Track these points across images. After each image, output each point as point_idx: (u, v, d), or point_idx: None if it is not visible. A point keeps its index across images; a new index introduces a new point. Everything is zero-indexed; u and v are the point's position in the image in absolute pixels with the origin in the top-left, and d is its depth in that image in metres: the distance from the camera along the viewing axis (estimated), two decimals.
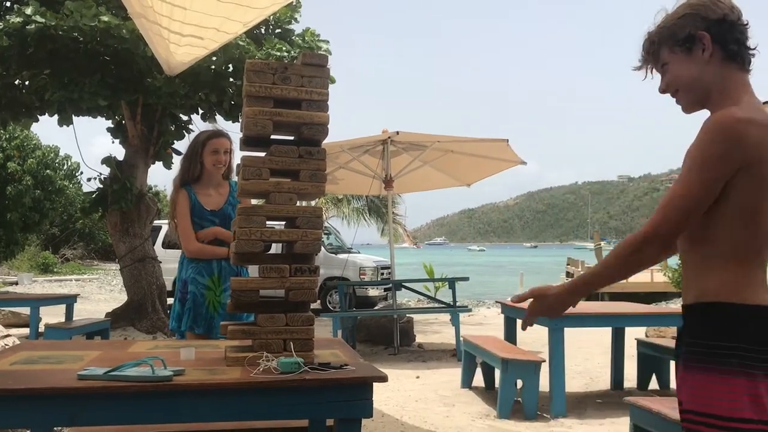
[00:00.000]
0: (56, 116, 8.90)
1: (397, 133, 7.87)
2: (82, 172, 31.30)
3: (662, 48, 1.74)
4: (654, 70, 1.80)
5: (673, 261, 19.88)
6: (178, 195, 3.53)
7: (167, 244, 12.91)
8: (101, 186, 9.72)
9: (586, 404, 5.14)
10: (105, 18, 7.81)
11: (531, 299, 1.85)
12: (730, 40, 1.67)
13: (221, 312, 3.46)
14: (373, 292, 13.85)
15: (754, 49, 1.70)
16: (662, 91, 1.79)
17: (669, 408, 3.00)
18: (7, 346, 5.20)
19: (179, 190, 3.54)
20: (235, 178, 3.59)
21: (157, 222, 12.63)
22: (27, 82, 8.91)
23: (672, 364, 5.41)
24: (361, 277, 13.42)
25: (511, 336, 5.78)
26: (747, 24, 1.69)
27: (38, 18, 7.75)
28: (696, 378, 1.60)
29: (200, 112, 9.73)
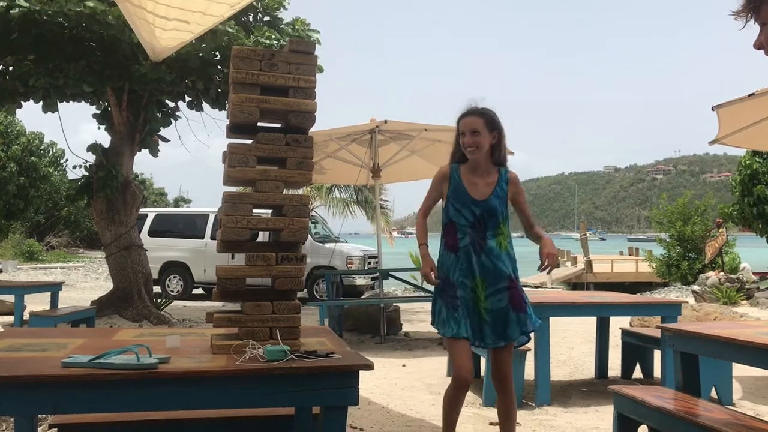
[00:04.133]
0: (41, 102, 8.81)
1: (385, 121, 7.84)
2: (67, 159, 31.06)
3: (763, 6, 1.67)
4: (755, 21, 1.72)
5: (658, 252, 20.04)
6: (440, 168, 3.22)
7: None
8: (87, 173, 9.64)
9: (570, 393, 5.18)
10: (90, 3, 7.70)
11: None
12: None
13: (488, 320, 3.04)
14: (360, 281, 13.86)
15: None
16: (757, 47, 1.73)
17: (653, 396, 3.02)
18: None
19: (445, 166, 3.21)
20: (507, 164, 3.21)
21: (143, 210, 12.55)
22: (11, 68, 8.79)
23: (656, 353, 5.45)
24: (348, 266, 13.44)
25: None
26: None
27: (22, 2, 7.63)
28: None
29: (187, 99, 9.66)
